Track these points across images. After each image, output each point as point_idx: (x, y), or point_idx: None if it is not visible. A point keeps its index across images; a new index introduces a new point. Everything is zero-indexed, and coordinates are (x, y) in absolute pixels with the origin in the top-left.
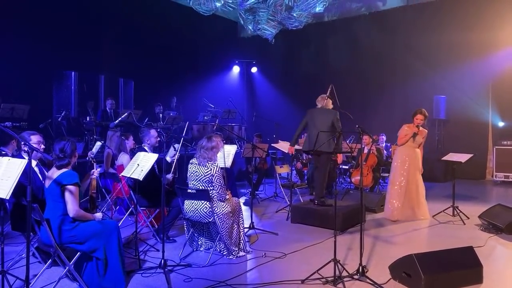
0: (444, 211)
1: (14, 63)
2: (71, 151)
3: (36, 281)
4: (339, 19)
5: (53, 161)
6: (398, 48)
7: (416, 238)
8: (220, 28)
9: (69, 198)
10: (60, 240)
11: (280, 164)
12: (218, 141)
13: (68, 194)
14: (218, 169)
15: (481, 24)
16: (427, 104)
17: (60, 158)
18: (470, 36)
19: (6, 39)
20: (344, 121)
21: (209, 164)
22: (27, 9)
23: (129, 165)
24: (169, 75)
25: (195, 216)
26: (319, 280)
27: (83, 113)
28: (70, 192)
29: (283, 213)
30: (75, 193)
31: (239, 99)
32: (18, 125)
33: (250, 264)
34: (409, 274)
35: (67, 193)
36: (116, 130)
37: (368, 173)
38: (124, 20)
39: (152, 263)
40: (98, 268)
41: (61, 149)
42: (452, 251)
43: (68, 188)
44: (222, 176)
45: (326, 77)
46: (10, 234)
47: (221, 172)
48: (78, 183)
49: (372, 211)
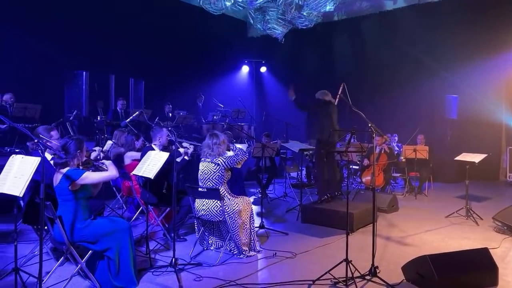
0: (457, 212)
1: (26, 63)
2: (75, 150)
3: (49, 278)
4: (349, 18)
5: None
6: (408, 47)
7: (429, 239)
8: (230, 28)
9: (93, 179)
10: (72, 238)
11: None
12: (223, 136)
13: (89, 180)
14: (224, 159)
15: (494, 22)
16: (439, 104)
17: (59, 157)
18: (483, 35)
19: (18, 40)
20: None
21: (217, 159)
22: (40, 10)
23: (140, 164)
24: (179, 75)
25: (206, 215)
26: (330, 280)
27: (94, 113)
28: (87, 178)
29: (293, 213)
30: (90, 175)
31: (248, 99)
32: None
33: (260, 263)
34: (422, 275)
35: (86, 181)
36: (124, 130)
37: (379, 173)
38: (135, 20)
39: (163, 261)
40: (109, 267)
41: (63, 146)
42: (466, 252)
43: (81, 179)
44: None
45: (335, 76)
46: (23, 231)
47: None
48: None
49: (383, 211)
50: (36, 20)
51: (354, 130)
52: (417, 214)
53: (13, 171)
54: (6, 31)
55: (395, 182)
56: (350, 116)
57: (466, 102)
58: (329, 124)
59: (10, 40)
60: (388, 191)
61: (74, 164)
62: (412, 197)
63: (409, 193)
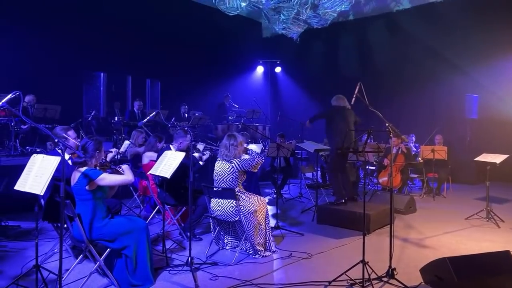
0: (477, 214)
1: (46, 65)
2: (93, 150)
3: (68, 275)
4: (365, 17)
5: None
6: (426, 46)
7: (448, 241)
8: (244, 28)
9: (109, 181)
10: (90, 236)
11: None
12: (241, 137)
13: (106, 181)
14: (239, 162)
15: None
16: (458, 103)
17: (78, 156)
18: (504, 33)
19: (39, 42)
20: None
21: (232, 161)
22: (59, 13)
23: (156, 163)
24: (194, 76)
25: (221, 215)
26: (347, 282)
27: (111, 113)
28: (104, 179)
29: (309, 213)
30: (107, 177)
31: (263, 99)
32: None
33: (276, 264)
34: (441, 278)
35: (103, 182)
36: (142, 130)
37: (396, 173)
38: (151, 22)
39: (179, 260)
40: (127, 265)
41: (83, 146)
42: (487, 255)
43: (98, 180)
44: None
45: (351, 76)
46: (44, 229)
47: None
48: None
49: (400, 213)
50: (56, 23)
51: (371, 130)
52: (435, 216)
53: (34, 170)
54: (27, 34)
55: (412, 183)
56: (367, 116)
57: (487, 101)
58: (346, 129)
59: (31, 43)
60: (405, 192)
61: (92, 164)
62: (430, 199)
63: (427, 195)
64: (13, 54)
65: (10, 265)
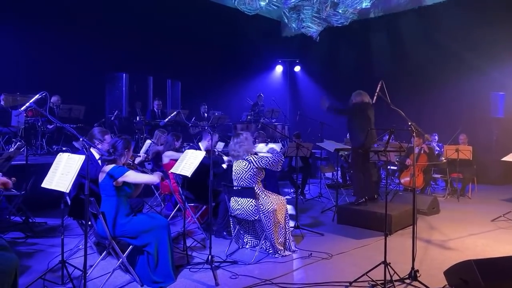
0: (504, 216)
1: (71, 66)
2: (122, 149)
3: (92, 271)
4: (385, 15)
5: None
6: (449, 43)
7: (473, 243)
8: (264, 27)
9: (134, 178)
10: (114, 233)
11: (324, 164)
12: (245, 133)
13: (131, 178)
14: (256, 158)
15: None
16: (483, 102)
17: (109, 154)
18: None
19: (63, 45)
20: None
21: (248, 157)
22: (83, 16)
23: (177, 162)
24: (214, 75)
25: (241, 214)
26: (368, 283)
27: (133, 113)
28: (129, 176)
29: (329, 213)
30: (132, 174)
31: (282, 99)
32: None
33: (295, 263)
34: (466, 281)
35: (128, 179)
36: (164, 130)
37: (418, 174)
38: (171, 23)
39: (199, 258)
40: (149, 262)
41: (113, 145)
42: None
43: (123, 176)
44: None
45: (372, 75)
46: (69, 226)
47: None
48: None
49: (423, 214)
50: (80, 27)
51: (393, 129)
52: (459, 217)
53: (60, 168)
54: (52, 36)
55: (436, 183)
56: (388, 115)
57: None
58: (368, 127)
59: (56, 46)
60: (428, 192)
61: (121, 162)
62: (454, 199)
63: (450, 195)
64: (39, 56)
65: (36, 261)
